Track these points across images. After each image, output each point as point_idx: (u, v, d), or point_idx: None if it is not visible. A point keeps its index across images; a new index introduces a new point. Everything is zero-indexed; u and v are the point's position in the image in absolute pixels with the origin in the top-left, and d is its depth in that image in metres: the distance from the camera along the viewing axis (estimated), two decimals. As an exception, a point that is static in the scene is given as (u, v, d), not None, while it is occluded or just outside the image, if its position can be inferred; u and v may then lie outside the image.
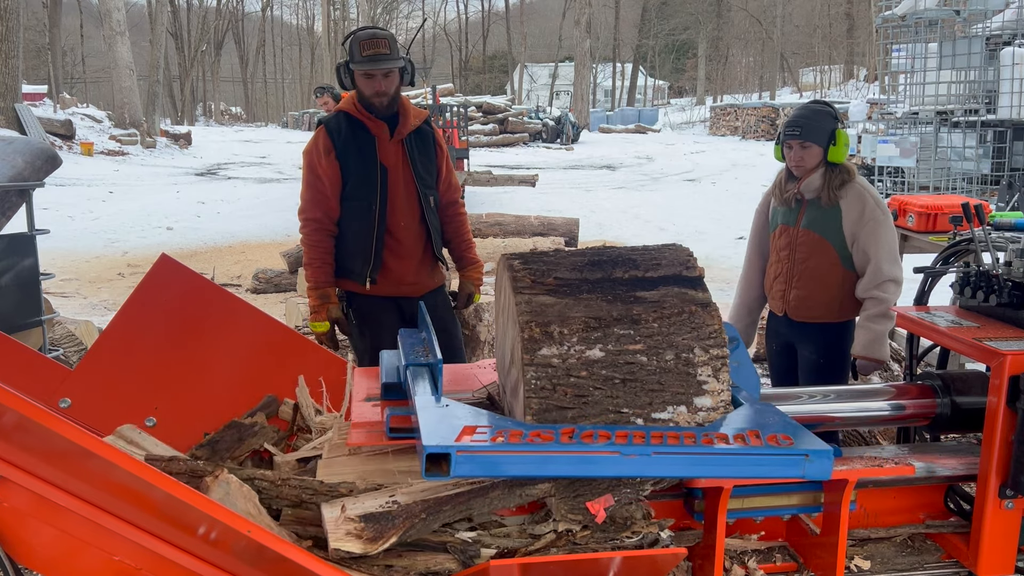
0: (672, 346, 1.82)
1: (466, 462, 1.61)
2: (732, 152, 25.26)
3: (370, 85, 3.22)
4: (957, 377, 2.54)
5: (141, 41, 37.89)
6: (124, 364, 2.41)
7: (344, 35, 3.35)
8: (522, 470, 1.69)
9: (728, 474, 1.80)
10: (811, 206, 3.25)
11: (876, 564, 2.24)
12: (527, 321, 1.80)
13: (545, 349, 1.77)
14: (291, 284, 8.02)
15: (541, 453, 1.65)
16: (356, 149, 3.28)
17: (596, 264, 1.95)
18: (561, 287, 1.89)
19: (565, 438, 1.68)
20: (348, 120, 3.30)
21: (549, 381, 1.77)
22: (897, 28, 13.81)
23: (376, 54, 3.19)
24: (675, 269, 1.95)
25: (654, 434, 1.70)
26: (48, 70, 34.19)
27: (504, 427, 1.71)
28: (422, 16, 20.46)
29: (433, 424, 1.69)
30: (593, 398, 1.77)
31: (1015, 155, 12.52)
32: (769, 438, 1.71)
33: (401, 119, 3.32)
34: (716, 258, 9.73)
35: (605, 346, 1.80)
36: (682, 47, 56.43)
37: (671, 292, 1.89)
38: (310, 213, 3.32)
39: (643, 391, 1.79)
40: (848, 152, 3.23)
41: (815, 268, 3.22)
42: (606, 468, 1.67)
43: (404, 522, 1.69)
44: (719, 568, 1.95)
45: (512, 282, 1.90)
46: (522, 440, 1.66)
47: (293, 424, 2.46)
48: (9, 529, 1.67)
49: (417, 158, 3.35)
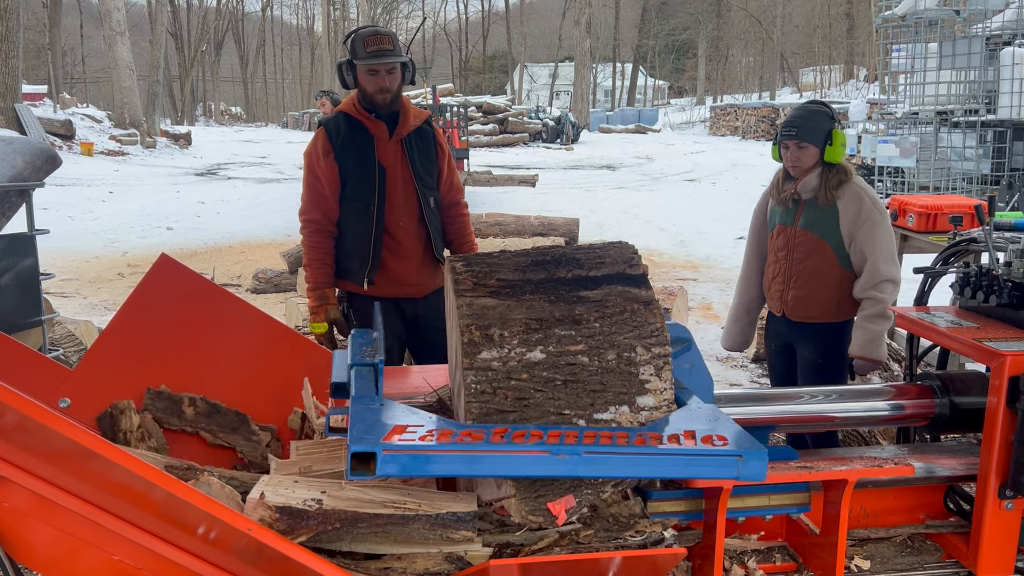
0: (614, 345, 1.80)
1: (392, 461, 1.58)
2: (732, 152, 25.26)
3: (373, 81, 3.22)
4: (956, 377, 2.54)
5: (141, 41, 37.90)
6: (124, 364, 2.41)
7: (345, 35, 3.35)
8: (449, 469, 1.67)
9: (658, 474, 1.77)
10: (808, 206, 3.25)
11: (876, 564, 2.24)
12: (467, 324, 1.78)
13: (485, 352, 1.75)
14: (291, 284, 8.02)
15: (469, 452, 1.62)
16: (354, 150, 3.28)
17: (539, 264, 1.93)
18: (503, 289, 1.87)
19: (496, 438, 1.65)
20: (347, 121, 3.30)
21: (489, 385, 1.75)
22: (897, 28, 13.82)
23: (380, 50, 3.19)
24: (619, 268, 1.93)
25: (587, 434, 1.68)
26: (48, 70, 34.20)
27: (437, 427, 1.69)
28: (422, 16, 20.43)
29: (362, 424, 1.67)
30: (534, 400, 1.75)
31: (1015, 155, 12.51)
32: (704, 438, 1.69)
33: (401, 119, 3.31)
34: (716, 258, 9.73)
35: (546, 348, 1.78)
36: (682, 47, 56.44)
37: (614, 291, 1.87)
38: (309, 214, 3.33)
39: (585, 392, 1.77)
40: (845, 152, 3.23)
41: (813, 268, 3.23)
42: (535, 468, 1.64)
43: (317, 526, 1.67)
44: (719, 568, 1.95)
45: (454, 284, 1.89)
46: (451, 439, 1.64)
47: (301, 433, 2.46)
48: (9, 529, 1.67)
49: (416, 158, 3.34)
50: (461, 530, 1.73)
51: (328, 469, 2.09)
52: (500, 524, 1.98)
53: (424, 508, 1.73)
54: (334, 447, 2.15)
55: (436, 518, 1.73)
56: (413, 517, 1.73)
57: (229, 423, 2.39)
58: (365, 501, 1.76)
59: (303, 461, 2.11)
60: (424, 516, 1.72)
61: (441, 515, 1.73)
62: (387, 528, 1.73)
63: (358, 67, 3.23)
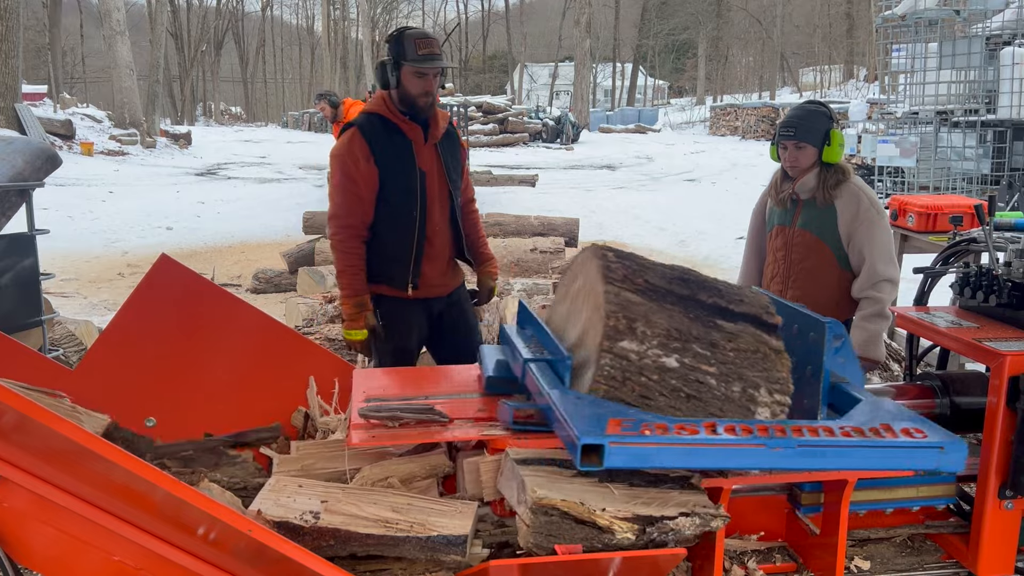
0: (741, 379, 1.87)
1: (619, 453, 1.63)
2: (732, 152, 25.26)
3: (420, 84, 3.16)
4: (956, 377, 2.54)
5: (141, 41, 37.89)
6: (124, 364, 2.41)
7: (389, 34, 3.29)
8: (669, 461, 1.72)
9: (869, 466, 1.84)
10: (806, 206, 3.25)
11: (876, 564, 2.24)
12: (613, 311, 1.83)
13: (626, 342, 1.81)
14: (291, 284, 8.01)
15: (689, 445, 1.67)
16: (394, 153, 3.21)
17: (684, 281, 2.00)
18: (648, 290, 1.93)
19: (708, 431, 1.70)
20: (382, 123, 3.23)
21: (621, 373, 1.80)
22: (897, 28, 13.81)
23: (431, 53, 3.15)
24: (756, 311, 2.00)
25: (793, 427, 1.74)
26: (48, 70, 34.21)
27: (646, 420, 1.73)
28: (422, 15, 20.48)
29: (581, 416, 1.70)
30: (656, 404, 1.80)
31: (1015, 155, 12.51)
32: (903, 431, 1.76)
33: (432, 123, 3.28)
34: (716, 258, 9.73)
35: (681, 358, 1.84)
36: (682, 47, 56.43)
37: (748, 330, 1.94)
38: (346, 219, 3.22)
39: (703, 412, 1.82)
40: (844, 152, 3.23)
41: (811, 268, 3.22)
42: (752, 460, 1.70)
43: (311, 542, 1.70)
44: (719, 568, 1.94)
45: (604, 270, 1.93)
46: (668, 432, 1.69)
47: (303, 433, 2.46)
48: (9, 529, 1.67)
49: (448, 161, 3.33)
50: (451, 554, 1.76)
51: (330, 469, 2.09)
52: (500, 524, 1.99)
53: (415, 530, 1.76)
54: (335, 448, 2.16)
55: (427, 540, 1.75)
56: (403, 539, 1.75)
57: (210, 461, 2.31)
58: (359, 518, 1.78)
59: (305, 459, 2.12)
60: (414, 538, 1.74)
61: (432, 538, 1.75)
62: (378, 547, 1.76)
63: (404, 68, 3.15)
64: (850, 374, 2.10)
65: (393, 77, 3.19)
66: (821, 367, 2.00)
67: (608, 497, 1.81)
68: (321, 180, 15.80)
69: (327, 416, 2.45)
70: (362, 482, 2.01)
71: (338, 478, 2.05)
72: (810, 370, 2.04)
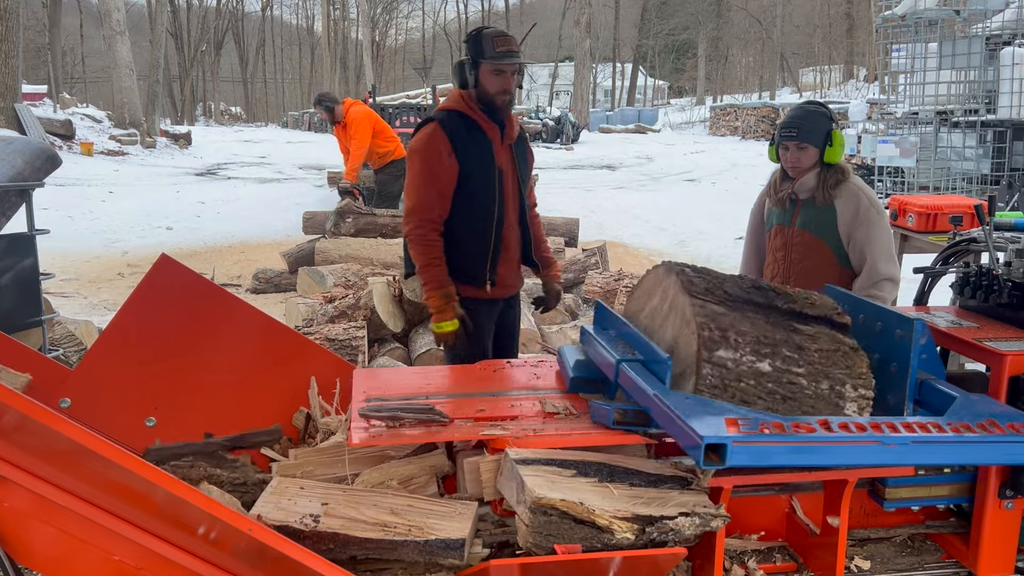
0: (828, 377, 1.95)
1: (741, 452, 1.66)
2: (732, 152, 25.25)
3: (499, 82, 3.17)
4: (956, 377, 2.53)
5: (141, 41, 37.90)
6: (124, 364, 2.41)
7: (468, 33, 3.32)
8: (788, 460, 1.74)
9: (982, 460, 1.89)
10: (805, 206, 3.25)
11: (876, 564, 2.24)
12: (704, 322, 1.92)
13: (722, 351, 1.89)
14: (291, 284, 8.00)
15: (807, 444, 1.70)
16: (475, 151, 3.22)
17: (759, 289, 2.08)
18: (729, 300, 2.01)
19: (823, 429, 1.73)
20: (463, 119, 3.23)
21: (721, 380, 1.88)
22: (897, 28, 13.81)
23: (510, 50, 3.16)
24: (828, 312, 2.07)
25: (903, 424, 1.78)
26: (48, 70, 34.19)
27: (763, 419, 1.76)
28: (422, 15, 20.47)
29: (696, 417, 1.73)
30: (756, 407, 1.87)
31: (1015, 155, 12.51)
32: (1009, 426, 1.81)
33: (508, 123, 3.31)
34: (716, 258, 9.73)
35: (773, 362, 1.92)
36: (682, 47, 56.42)
37: (823, 331, 2.03)
38: (427, 213, 3.20)
39: (799, 411, 1.90)
40: (844, 153, 3.23)
41: (811, 268, 3.22)
42: (868, 457, 1.74)
43: (311, 546, 1.71)
44: (719, 568, 1.94)
45: (686, 285, 2.04)
46: (785, 431, 1.72)
47: (305, 433, 2.46)
48: (9, 529, 1.67)
49: (521, 162, 3.36)
50: (449, 558, 1.77)
51: (329, 474, 2.08)
52: (500, 523, 1.99)
53: (414, 533, 1.77)
54: (333, 453, 2.15)
55: (425, 544, 1.76)
56: (402, 543, 1.76)
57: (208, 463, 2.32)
58: (358, 521, 1.78)
59: (305, 465, 2.12)
60: (413, 542, 1.75)
61: (430, 541, 1.75)
62: (377, 551, 1.77)
63: (483, 66, 3.16)
64: (932, 370, 2.13)
65: (471, 76, 3.19)
66: (908, 364, 2.03)
67: (608, 497, 1.81)
68: (321, 180, 15.80)
69: (328, 416, 2.45)
70: (363, 484, 2.01)
71: (338, 483, 2.05)
72: (895, 367, 2.07)
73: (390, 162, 9.20)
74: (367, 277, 6.42)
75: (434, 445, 2.11)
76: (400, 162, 9.44)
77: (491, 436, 2.00)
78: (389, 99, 26.35)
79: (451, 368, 2.72)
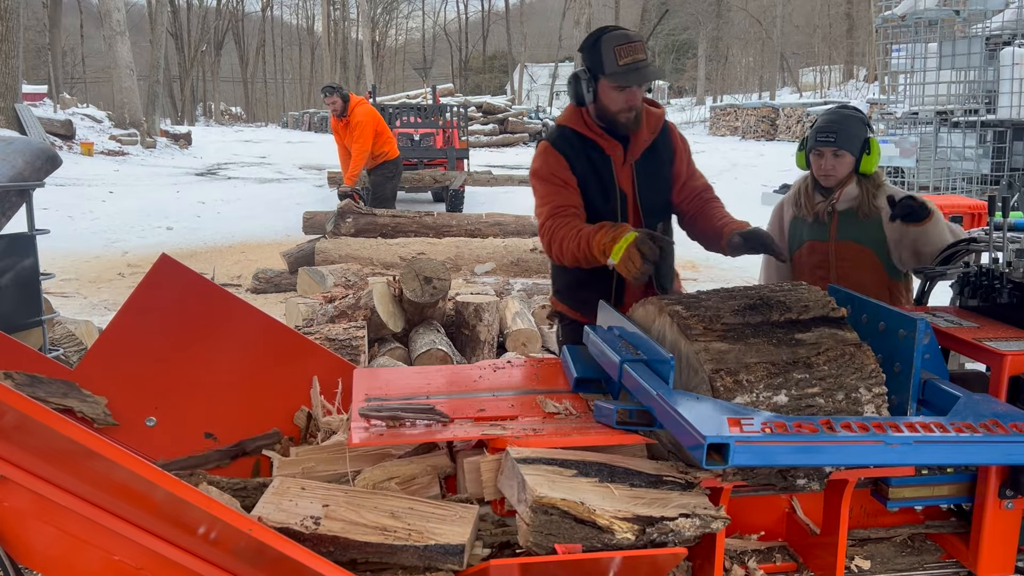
0: (842, 387, 1.91)
1: (744, 452, 1.64)
2: (732, 152, 25.25)
3: (620, 99, 2.70)
4: (956, 377, 2.53)
5: (141, 41, 37.91)
6: (124, 364, 2.40)
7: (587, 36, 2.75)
8: (791, 460, 1.74)
9: (986, 460, 1.88)
10: (844, 217, 3.06)
11: (876, 564, 2.23)
12: (715, 370, 1.88)
13: (739, 397, 1.85)
14: (291, 284, 8.00)
15: (810, 443, 1.69)
16: (594, 174, 2.80)
17: (754, 308, 2.04)
18: (729, 333, 1.97)
19: (827, 428, 1.73)
20: (579, 138, 2.81)
21: None
22: (897, 28, 13.82)
23: (635, 61, 2.65)
24: (822, 311, 2.04)
25: (907, 423, 1.77)
26: (48, 70, 34.19)
27: (765, 418, 1.75)
28: (422, 15, 20.45)
29: (699, 416, 1.72)
30: None
31: (1015, 155, 12.52)
32: (1012, 425, 1.80)
33: (633, 138, 2.82)
34: (716, 258, 9.67)
35: (788, 391, 1.89)
36: (682, 47, 56.42)
37: (824, 333, 1.99)
38: (564, 208, 2.74)
39: None
40: (879, 162, 3.03)
41: (859, 283, 2.95)
42: (871, 457, 1.73)
43: (312, 548, 1.71)
44: (719, 568, 1.94)
45: (683, 330, 1.98)
46: (788, 431, 1.71)
47: (306, 432, 2.46)
48: (9, 529, 1.67)
49: (646, 182, 2.86)
50: (448, 563, 1.76)
51: (330, 472, 2.08)
52: (501, 523, 1.99)
53: (413, 538, 1.77)
54: (334, 452, 2.15)
55: (424, 550, 1.76)
56: (401, 548, 1.76)
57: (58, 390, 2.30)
58: (358, 524, 1.78)
59: (306, 462, 2.12)
60: (412, 547, 1.75)
61: (429, 547, 1.75)
62: (376, 555, 1.77)
63: (602, 81, 2.68)
64: (935, 369, 2.13)
65: (589, 93, 2.73)
66: (912, 364, 2.03)
67: (608, 497, 1.81)
68: (321, 180, 15.80)
69: (329, 416, 2.45)
70: (363, 484, 2.01)
71: (338, 481, 2.05)
72: (898, 367, 2.06)
73: (383, 163, 9.21)
74: (367, 277, 6.43)
75: (435, 445, 2.11)
76: (392, 163, 9.44)
77: (491, 436, 2.00)
78: (389, 99, 26.39)
79: (451, 368, 2.71)
